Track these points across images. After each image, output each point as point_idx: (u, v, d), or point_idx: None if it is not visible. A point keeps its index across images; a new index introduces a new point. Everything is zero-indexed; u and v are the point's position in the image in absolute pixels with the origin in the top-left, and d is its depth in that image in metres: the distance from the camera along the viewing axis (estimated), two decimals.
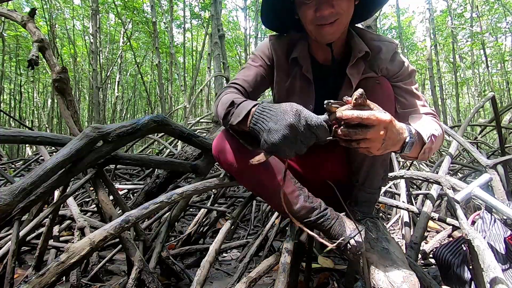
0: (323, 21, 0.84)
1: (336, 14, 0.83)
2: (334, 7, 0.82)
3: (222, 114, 0.85)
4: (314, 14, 0.84)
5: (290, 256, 0.86)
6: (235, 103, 0.81)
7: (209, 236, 2.00)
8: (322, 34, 0.87)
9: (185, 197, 1.00)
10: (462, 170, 3.76)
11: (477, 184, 0.89)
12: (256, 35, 14.77)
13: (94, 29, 8.22)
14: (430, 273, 1.35)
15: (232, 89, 0.96)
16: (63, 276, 1.07)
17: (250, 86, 0.99)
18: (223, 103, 0.85)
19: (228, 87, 0.98)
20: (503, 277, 0.69)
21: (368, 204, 1.04)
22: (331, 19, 0.84)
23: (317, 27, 0.86)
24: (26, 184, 0.89)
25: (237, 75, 1.04)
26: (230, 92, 0.93)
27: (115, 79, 13.69)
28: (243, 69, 1.05)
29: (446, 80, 17.34)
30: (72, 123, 1.55)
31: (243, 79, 0.99)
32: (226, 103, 0.83)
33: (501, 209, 0.79)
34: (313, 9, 0.84)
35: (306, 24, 0.89)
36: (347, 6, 0.85)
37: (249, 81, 0.99)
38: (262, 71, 1.02)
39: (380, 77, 0.96)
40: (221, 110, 0.85)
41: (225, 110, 0.83)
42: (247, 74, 1.01)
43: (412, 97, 0.96)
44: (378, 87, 0.94)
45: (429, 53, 10.06)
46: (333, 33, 0.87)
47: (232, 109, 0.81)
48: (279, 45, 1.03)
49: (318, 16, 0.84)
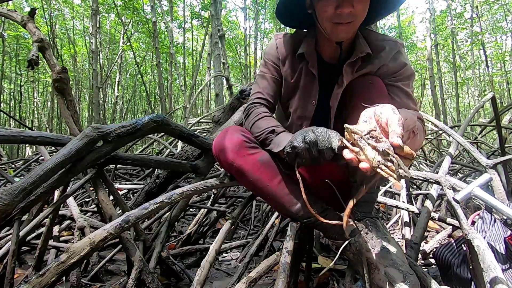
0: (341, 19, 0.85)
1: (354, 14, 0.84)
2: (354, 7, 0.83)
3: (259, 136, 0.95)
4: (334, 11, 0.84)
5: (290, 256, 0.86)
6: (275, 132, 0.91)
7: (209, 236, 2.00)
8: (337, 32, 0.88)
9: (185, 197, 1.00)
10: (462, 170, 3.75)
11: (477, 184, 0.89)
12: (256, 35, 14.77)
13: (94, 29, 8.22)
14: (430, 273, 1.35)
15: (259, 107, 1.04)
16: (63, 276, 1.07)
17: (272, 97, 1.07)
18: (260, 127, 0.95)
19: (254, 103, 1.05)
20: (503, 277, 0.69)
21: (367, 204, 1.04)
22: (349, 19, 0.85)
23: (334, 25, 0.87)
24: (26, 184, 0.89)
25: (255, 86, 1.09)
26: (262, 114, 0.99)
27: (115, 79, 13.69)
28: (258, 78, 1.10)
29: (446, 80, 17.34)
30: (72, 123, 1.55)
31: (265, 92, 1.06)
32: (265, 129, 0.93)
33: (501, 209, 0.79)
34: (334, 6, 0.84)
35: (322, 20, 0.89)
36: (363, 9, 0.86)
37: (270, 94, 1.07)
38: (275, 75, 1.07)
39: (374, 77, 0.96)
40: (258, 133, 0.95)
41: (264, 135, 0.93)
42: (265, 84, 1.07)
43: (407, 98, 0.97)
44: (371, 86, 0.94)
45: (429, 53, 10.06)
46: (347, 32, 0.88)
47: (271, 136, 0.91)
48: (285, 43, 1.05)
49: (339, 13, 0.84)
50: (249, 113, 1.03)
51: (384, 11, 1.00)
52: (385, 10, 1.00)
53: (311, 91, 1.02)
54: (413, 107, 0.96)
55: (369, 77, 0.96)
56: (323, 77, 1.02)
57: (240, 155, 0.90)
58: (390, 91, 0.97)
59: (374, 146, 0.59)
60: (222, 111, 2.41)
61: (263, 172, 0.90)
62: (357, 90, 0.96)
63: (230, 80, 5.07)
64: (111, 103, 14.56)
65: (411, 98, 0.97)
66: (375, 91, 0.94)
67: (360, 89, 0.95)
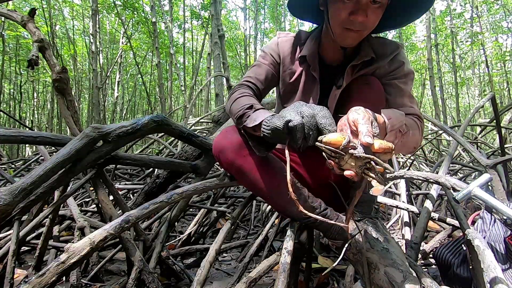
0: (352, 26, 0.84)
1: (365, 24, 0.83)
2: (367, 17, 0.82)
3: (236, 113, 0.87)
4: (347, 16, 0.83)
5: (290, 256, 0.86)
6: (254, 107, 0.84)
7: (209, 236, 2.00)
8: (345, 38, 0.88)
9: (185, 197, 1.00)
10: (462, 170, 3.76)
11: (477, 184, 0.88)
12: (256, 35, 14.77)
13: (94, 29, 8.22)
14: (430, 273, 1.35)
15: (245, 88, 0.99)
16: (63, 276, 1.07)
17: (262, 84, 1.04)
18: (240, 103, 0.88)
19: (241, 84, 1.01)
20: (503, 277, 0.69)
21: (367, 204, 1.04)
22: (360, 28, 0.84)
23: (344, 30, 0.86)
24: (26, 184, 0.89)
25: (248, 72, 1.07)
26: (245, 93, 0.95)
27: (115, 79, 13.69)
28: (254, 66, 1.08)
29: (446, 80, 17.33)
30: (72, 123, 1.55)
31: (255, 77, 1.03)
32: (244, 105, 0.86)
33: (501, 209, 0.79)
34: (348, 11, 0.82)
35: (333, 23, 0.88)
36: (375, 21, 0.85)
37: (261, 79, 1.04)
38: (272, 68, 1.06)
39: (371, 77, 0.96)
40: (236, 110, 0.88)
41: (242, 111, 0.85)
42: (258, 72, 1.05)
43: (403, 96, 0.96)
44: (368, 87, 0.94)
45: (429, 53, 10.06)
46: (355, 39, 0.88)
47: (249, 112, 0.84)
48: (287, 42, 1.05)
49: (352, 19, 0.83)
50: (233, 92, 0.99)
51: (391, 25, 1.00)
52: (392, 25, 1.00)
53: (311, 94, 1.02)
54: (409, 105, 0.95)
55: (366, 78, 0.96)
56: (322, 79, 1.02)
57: (240, 155, 0.90)
58: (386, 90, 0.96)
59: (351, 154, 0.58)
60: (222, 111, 2.41)
61: (263, 172, 0.90)
62: (354, 90, 0.96)
63: (230, 80, 5.06)
64: (111, 103, 14.55)
65: (407, 96, 0.97)
66: (372, 92, 0.94)
67: (357, 89, 0.95)
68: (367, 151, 0.58)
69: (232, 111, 0.92)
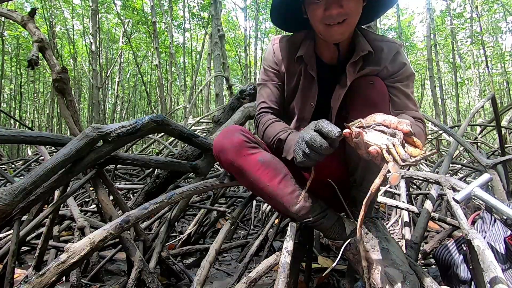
0: (331, 20, 0.85)
1: (344, 14, 0.84)
2: (343, 7, 0.83)
3: (272, 147, 0.99)
4: (323, 13, 0.85)
5: (290, 256, 0.86)
6: (282, 140, 0.94)
7: (209, 236, 2.00)
8: (331, 34, 0.88)
9: (185, 197, 1.00)
10: (462, 170, 3.75)
11: (477, 184, 0.88)
12: (256, 35, 14.76)
13: (94, 29, 8.22)
14: (430, 273, 1.35)
15: (266, 115, 1.07)
16: (63, 276, 1.07)
17: (276, 103, 1.08)
18: (269, 137, 0.99)
19: (260, 114, 1.08)
20: (503, 277, 0.69)
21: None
22: (340, 19, 0.85)
23: (326, 26, 0.87)
24: (26, 184, 0.89)
25: (258, 96, 1.11)
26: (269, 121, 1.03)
27: (115, 79, 13.69)
28: (260, 87, 1.11)
29: (446, 80, 17.33)
30: (72, 123, 1.55)
31: (269, 100, 1.08)
32: (273, 139, 0.97)
33: (501, 209, 0.79)
34: (322, 8, 0.85)
35: (315, 23, 0.90)
36: (356, 7, 0.86)
37: (273, 100, 1.08)
38: (277, 81, 1.08)
39: (375, 77, 0.96)
40: (270, 144, 0.99)
41: (275, 145, 0.97)
42: (267, 92, 1.08)
43: (406, 99, 0.97)
44: (372, 87, 0.94)
45: (428, 53, 10.06)
46: (342, 32, 0.88)
47: (281, 145, 0.94)
48: (283, 46, 1.06)
49: (327, 15, 0.84)
50: (257, 124, 1.07)
51: (382, 8, 1.00)
52: (382, 7, 1.00)
53: (310, 93, 1.02)
54: (412, 107, 0.96)
55: (369, 78, 0.96)
56: (322, 79, 1.02)
57: (240, 155, 0.90)
58: (389, 92, 0.97)
59: (381, 130, 0.62)
60: (222, 111, 2.40)
61: (263, 172, 0.90)
62: (358, 90, 0.96)
63: (230, 80, 5.06)
64: (111, 103, 14.55)
65: (410, 99, 0.98)
66: (375, 92, 0.94)
67: (361, 89, 0.95)
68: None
69: (268, 145, 1.02)
